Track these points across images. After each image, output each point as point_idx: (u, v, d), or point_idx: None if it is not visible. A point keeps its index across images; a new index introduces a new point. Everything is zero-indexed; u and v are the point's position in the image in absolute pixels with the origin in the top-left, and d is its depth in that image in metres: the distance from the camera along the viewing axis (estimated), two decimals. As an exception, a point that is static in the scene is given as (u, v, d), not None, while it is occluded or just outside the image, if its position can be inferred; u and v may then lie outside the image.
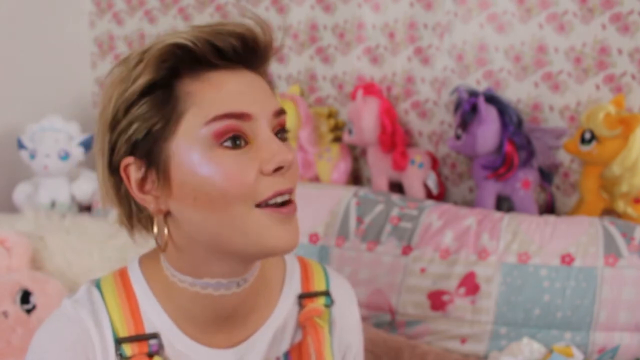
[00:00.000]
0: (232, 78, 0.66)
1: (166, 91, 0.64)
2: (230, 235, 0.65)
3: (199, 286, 0.69)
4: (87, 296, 0.72)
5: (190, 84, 0.65)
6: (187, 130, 0.64)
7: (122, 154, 0.66)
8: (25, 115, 1.91)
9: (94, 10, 2.16)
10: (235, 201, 0.63)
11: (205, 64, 0.65)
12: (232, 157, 0.63)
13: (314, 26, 1.84)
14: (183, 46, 0.63)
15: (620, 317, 1.30)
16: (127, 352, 0.69)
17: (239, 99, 0.65)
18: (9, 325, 1.30)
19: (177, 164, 0.65)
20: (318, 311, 0.77)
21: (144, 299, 0.72)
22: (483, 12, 1.63)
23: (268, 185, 0.64)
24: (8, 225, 1.55)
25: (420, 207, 1.51)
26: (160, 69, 0.64)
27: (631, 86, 1.52)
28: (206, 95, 0.64)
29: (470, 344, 1.36)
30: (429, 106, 1.75)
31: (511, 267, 1.36)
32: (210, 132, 0.63)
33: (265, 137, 0.65)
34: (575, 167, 1.62)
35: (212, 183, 0.63)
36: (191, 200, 0.64)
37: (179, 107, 0.64)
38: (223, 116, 0.63)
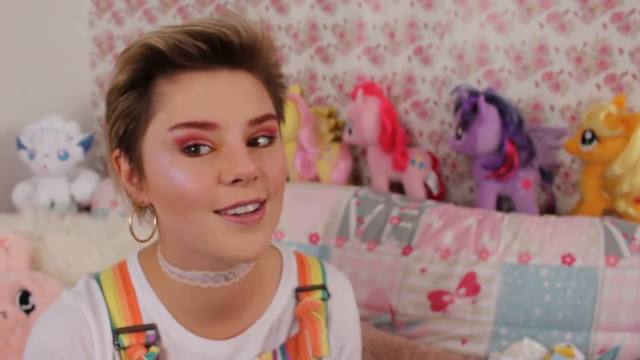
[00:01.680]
0: (204, 81, 0.64)
1: (140, 91, 0.65)
2: (191, 238, 0.66)
3: (187, 278, 0.70)
4: (85, 288, 0.73)
5: (163, 85, 0.65)
6: (154, 133, 0.65)
7: (113, 145, 0.69)
8: (25, 115, 1.91)
9: (94, 9, 2.16)
10: (191, 206, 0.63)
11: (178, 65, 0.64)
12: (190, 164, 0.63)
13: (314, 26, 1.84)
14: (153, 47, 0.63)
15: (621, 317, 1.30)
16: (124, 342, 0.70)
17: (206, 107, 0.63)
18: (8, 326, 1.30)
19: (147, 164, 0.66)
20: (315, 304, 0.78)
21: (142, 291, 0.73)
22: (483, 11, 1.63)
23: (228, 195, 0.63)
24: (7, 225, 1.55)
25: (420, 207, 1.51)
26: (132, 70, 0.65)
27: (632, 86, 1.51)
28: (174, 100, 0.64)
29: (470, 344, 1.36)
30: (429, 106, 1.74)
31: (512, 268, 1.36)
32: (172, 138, 0.63)
33: (230, 147, 0.63)
34: (576, 167, 1.61)
35: (170, 186, 0.64)
36: (159, 199, 0.66)
37: (150, 109, 0.65)
38: (185, 124, 0.63)
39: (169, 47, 0.63)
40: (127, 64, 0.65)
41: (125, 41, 2.14)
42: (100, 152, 2.28)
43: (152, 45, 0.63)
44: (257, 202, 0.64)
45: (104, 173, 2.25)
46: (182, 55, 0.63)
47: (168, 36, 0.63)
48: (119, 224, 1.62)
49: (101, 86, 2.21)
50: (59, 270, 1.48)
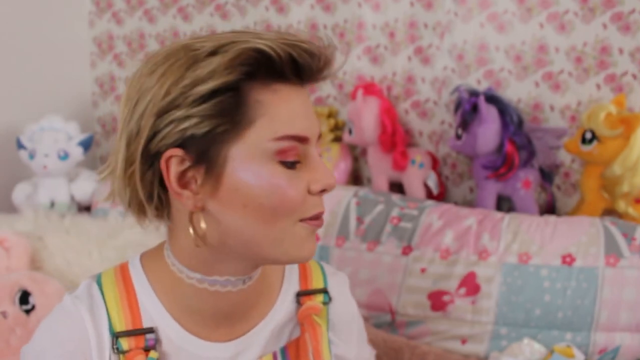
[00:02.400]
0: (297, 96, 0.66)
1: (236, 95, 0.63)
2: (267, 244, 0.67)
3: (207, 283, 0.70)
4: (86, 291, 0.73)
5: (260, 92, 0.64)
6: (253, 140, 0.64)
7: (169, 143, 0.64)
8: (25, 115, 1.91)
9: (94, 9, 2.16)
10: (284, 215, 0.66)
11: (277, 74, 0.65)
12: (286, 175, 0.65)
13: (314, 26, 1.84)
14: (264, 53, 0.62)
15: (621, 317, 1.30)
16: (123, 346, 0.70)
17: (304, 121, 0.66)
18: (8, 326, 1.30)
19: (233, 169, 0.64)
20: (316, 309, 0.79)
21: (143, 293, 0.72)
22: (483, 11, 1.63)
23: (314, 205, 0.68)
24: (7, 225, 1.55)
25: (420, 207, 1.51)
26: (236, 72, 0.62)
27: (632, 86, 1.51)
28: (277, 110, 0.64)
29: (470, 344, 1.36)
30: (429, 106, 1.74)
31: (512, 268, 1.36)
32: (276, 149, 0.64)
33: (315, 159, 0.68)
34: (576, 167, 1.61)
35: (265, 196, 0.64)
36: (240, 207, 0.65)
37: (248, 114, 0.63)
38: (291, 137, 0.65)
39: (282, 58, 0.63)
40: (233, 64, 0.62)
41: (125, 41, 2.14)
42: (100, 152, 2.28)
43: (264, 51, 0.62)
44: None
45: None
46: (292, 68, 0.65)
47: (277, 45, 0.63)
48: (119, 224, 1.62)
49: (101, 86, 2.21)
50: (59, 270, 1.48)
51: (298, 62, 0.64)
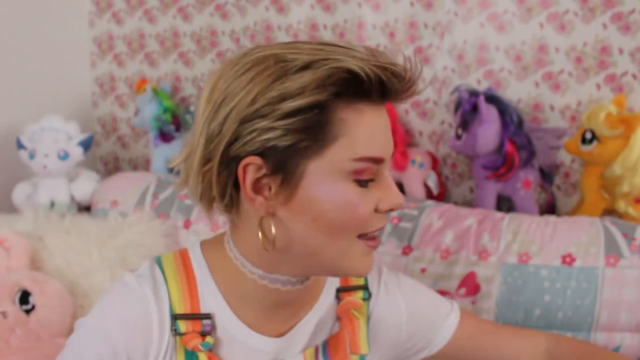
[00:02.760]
0: (379, 116, 0.68)
1: (322, 112, 0.64)
2: (329, 256, 0.69)
3: (267, 280, 0.73)
4: (150, 272, 0.74)
5: (345, 111, 0.65)
6: (332, 158, 0.65)
7: (249, 150, 0.65)
8: (25, 115, 1.91)
9: (94, 9, 2.16)
10: (349, 231, 0.68)
11: (363, 94, 0.66)
12: (359, 194, 0.67)
13: (314, 26, 1.84)
14: (356, 75, 0.63)
15: (621, 317, 1.30)
16: (181, 329, 0.72)
17: (382, 143, 0.68)
18: (8, 326, 1.30)
19: (309, 184, 0.66)
20: (355, 304, 0.82)
21: (203, 281, 0.74)
22: (483, 11, 1.63)
23: (378, 221, 0.70)
24: (7, 225, 1.55)
25: (420, 207, 1.51)
26: (326, 92, 0.63)
27: (632, 86, 1.51)
28: (359, 130, 0.66)
29: (470, 344, 1.36)
30: (429, 106, 1.74)
31: (512, 268, 1.36)
32: (353, 168, 0.66)
33: (386, 179, 0.70)
34: (576, 167, 1.61)
35: (335, 212, 0.66)
36: (309, 219, 0.67)
37: (331, 132, 0.65)
38: (369, 159, 0.66)
39: (372, 80, 0.64)
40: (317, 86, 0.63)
41: (125, 41, 2.14)
42: (100, 152, 2.28)
43: (355, 72, 0.63)
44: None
45: (104, 173, 2.25)
46: (380, 90, 0.66)
47: (368, 67, 0.64)
48: (118, 224, 1.62)
49: (101, 86, 2.21)
50: (59, 270, 1.48)
51: (386, 85, 0.65)
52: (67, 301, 1.40)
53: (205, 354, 0.72)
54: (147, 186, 1.76)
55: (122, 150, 2.24)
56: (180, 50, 2.05)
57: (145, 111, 1.94)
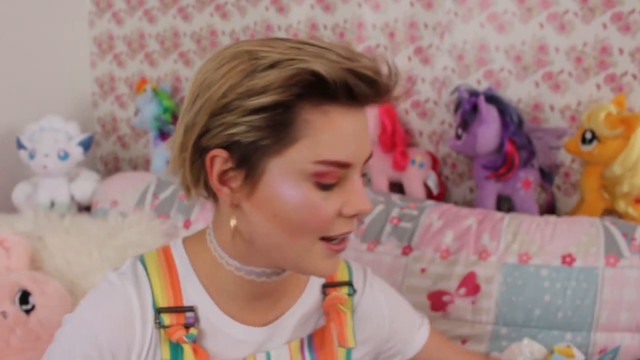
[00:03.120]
0: (348, 119, 0.66)
1: (286, 112, 0.64)
2: (288, 254, 0.70)
3: (243, 272, 0.75)
4: (131, 269, 0.76)
5: (309, 112, 0.65)
6: (293, 158, 0.65)
7: (216, 143, 0.67)
8: (25, 115, 1.91)
9: (94, 9, 2.16)
10: (308, 233, 0.68)
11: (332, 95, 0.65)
12: (321, 196, 0.67)
13: (314, 26, 1.84)
14: (320, 76, 0.63)
15: (621, 317, 1.30)
16: (165, 322, 0.73)
17: (348, 148, 0.66)
18: (8, 326, 1.30)
19: (270, 181, 0.67)
20: (341, 299, 0.83)
21: (185, 274, 0.76)
22: (483, 11, 1.63)
23: (340, 226, 0.69)
24: (7, 225, 1.55)
25: (420, 207, 1.51)
26: (288, 92, 0.63)
27: (632, 86, 1.51)
28: (323, 132, 0.65)
29: (470, 344, 1.36)
30: (429, 106, 1.74)
31: (512, 268, 1.36)
32: (314, 171, 0.66)
33: (354, 183, 0.68)
34: (576, 167, 1.61)
35: (296, 213, 0.67)
36: (270, 215, 0.68)
37: (293, 133, 0.65)
38: (332, 163, 0.66)
39: (337, 83, 0.63)
40: (281, 85, 0.63)
41: (125, 41, 2.14)
42: (100, 152, 2.28)
43: (319, 74, 0.63)
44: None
45: (104, 173, 2.25)
46: (346, 94, 0.65)
47: (334, 70, 0.63)
48: (118, 224, 1.62)
49: (101, 86, 2.21)
50: (59, 270, 1.48)
51: (353, 89, 0.64)
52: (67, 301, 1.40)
53: (189, 345, 0.73)
54: (147, 186, 1.76)
55: (122, 150, 2.24)
56: (180, 50, 2.05)
57: (145, 111, 1.94)
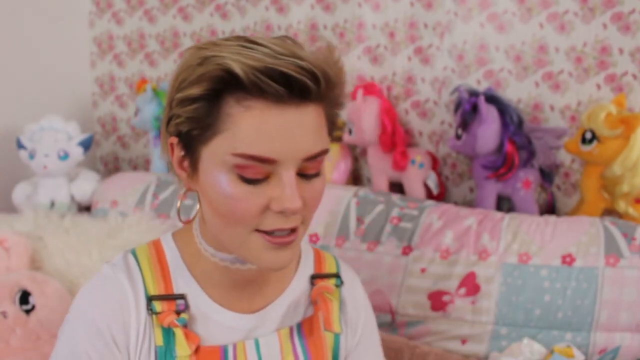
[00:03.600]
0: (272, 115, 0.66)
1: (212, 105, 0.68)
2: (229, 243, 0.73)
3: (218, 258, 0.77)
4: (123, 261, 0.79)
5: (233, 106, 0.67)
6: (216, 149, 0.68)
7: (171, 131, 0.73)
8: (25, 115, 1.91)
9: (94, 9, 2.16)
10: (238, 224, 0.70)
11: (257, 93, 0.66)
12: (244, 189, 0.68)
13: (314, 26, 1.84)
14: (233, 74, 0.65)
15: (621, 317, 1.30)
16: (157, 308, 0.77)
17: (269, 143, 0.66)
18: (8, 326, 1.30)
19: (204, 168, 0.71)
20: (329, 288, 0.86)
21: (174, 264, 0.80)
22: (483, 11, 1.63)
23: (272, 221, 0.69)
24: (7, 226, 1.55)
25: (420, 207, 1.51)
26: (207, 87, 0.67)
27: (632, 86, 1.51)
28: (241, 125, 0.66)
29: (470, 344, 1.36)
30: (429, 106, 1.74)
31: (512, 268, 1.36)
32: (233, 163, 0.67)
33: (284, 180, 0.68)
34: (576, 167, 1.61)
35: (220, 203, 0.69)
36: (208, 202, 0.72)
37: (216, 125, 0.68)
38: (249, 156, 0.66)
39: (248, 80, 0.65)
40: (204, 80, 0.67)
41: (125, 41, 2.14)
42: (100, 152, 2.28)
43: (233, 71, 0.65)
44: (294, 229, 0.71)
45: (104, 173, 2.25)
46: (257, 90, 0.66)
47: (249, 68, 0.65)
48: (118, 224, 1.62)
49: (101, 86, 2.21)
50: (58, 270, 1.48)
51: (262, 88, 0.65)
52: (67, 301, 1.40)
53: (181, 330, 0.76)
54: (147, 186, 1.76)
55: (122, 150, 2.24)
56: (180, 50, 2.05)
57: (145, 111, 1.94)
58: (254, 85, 0.65)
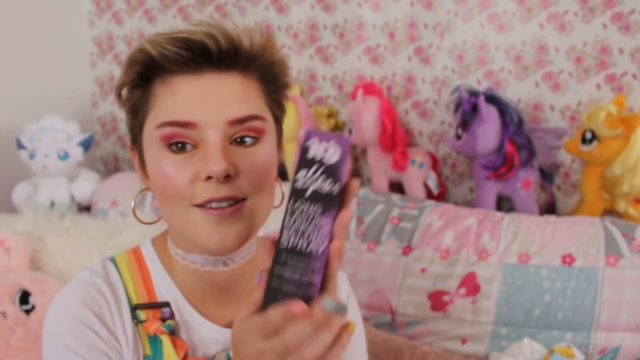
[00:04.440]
0: (189, 83, 0.69)
1: (142, 91, 0.71)
2: (177, 226, 0.71)
3: (188, 260, 0.75)
4: (102, 268, 0.78)
5: (158, 87, 0.70)
6: (147, 130, 0.71)
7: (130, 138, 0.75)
8: (25, 115, 1.91)
9: (94, 9, 2.16)
10: (174, 198, 0.69)
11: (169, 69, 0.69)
12: (174, 160, 0.68)
13: (314, 26, 1.84)
14: (147, 53, 0.69)
15: (621, 317, 1.30)
16: (142, 317, 0.75)
17: (187, 107, 0.68)
18: (8, 326, 1.30)
19: (145, 155, 0.72)
20: None
21: (155, 272, 0.78)
22: (483, 11, 1.63)
23: (203, 191, 0.67)
24: (7, 226, 1.55)
25: (420, 207, 1.51)
26: (133, 72, 0.70)
27: (632, 86, 1.51)
28: (163, 100, 0.69)
29: (470, 344, 1.36)
30: (429, 106, 1.74)
31: (512, 268, 1.36)
32: (159, 136, 0.68)
33: (209, 145, 0.67)
34: (576, 167, 1.61)
35: (158, 179, 0.70)
36: (154, 188, 0.72)
37: (146, 107, 0.71)
38: (168, 123, 0.68)
39: (158, 53, 0.68)
40: (129, 66, 0.71)
41: (125, 41, 2.14)
42: (100, 152, 2.28)
43: (146, 50, 0.69)
44: (231, 200, 0.68)
45: (104, 173, 2.25)
46: (167, 61, 0.68)
47: (157, 43, 0.68)
48: (118, 224, 1.62)
49: (101, 86, 2.21)
50: (58, 270, 1.48)
51: (168, 56, 0.68)
52: (67, 301, 1.40)
53: (167, 337, 0.74)
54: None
55: (122, 150, 2.24)
56: (180, 50, 2.05)
57: (145, 111, 1.93)
58: (163, 57, 0.68)
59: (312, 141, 0.60)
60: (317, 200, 0.58)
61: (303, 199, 0.58)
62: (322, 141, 0.61)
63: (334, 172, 0.61)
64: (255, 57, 0.70)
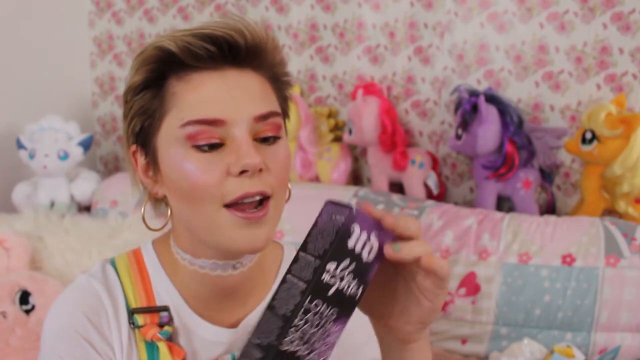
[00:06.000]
0: (212, 80, 0.68)
1: (155, 90, 0.69)
2: (201, 229, 0.69)
3: (197, 265, 0.74)
4: (101, 272, 0.77)
5: (175, 85, 0.69)
6: (167, 129, 0.69)
7: (130, 141, 0.72)
8: (24, 115, 1.91)
9: (94, 9, 2.16)
10: (203, 199, 0.67)
11: (189, 65, 0.68)
12: (201, 158, 0.67)
13: (314, 26, 1.84)
14: (165, 49, 0.67)
15: (621, 317, 1.30)
16: (139, 322, 0.74)
17: (214, 105, 0.67)
18: (8, 326, 1.30)
19: (162, 158, 0.70)
20: None
21: (156, 275, 0.77)
22: (484, 11, 1.63)
23: (236, 186, 0.66)
24: (7, 226, 1.54)
25: (420, 207, 1.51)
26: (147, 71, 0.69)
27: (632, 86, 1.51)
28: (185, 98, 0.68)
29: (470, 344, 1.36)
30: (429, 106, 1.74)
31: (512, 268, 1.36)
32: (184, 134, 0.67)
33: (237, 140, 0.67)
34: (576, 167, 1.61)
35: (183, 179, 0.67)
36: (173, 192, 0.70)
37: (163, 107, 0.69)
38: (196, 122, 0.67)
39: (180, 49, 0.67)
40: (142, 65, 0.69)
41: (125, 41, 2.14)
42: (100, 152, 2.28)
43: (164, 47, 0.67)
44: (262, 195, 0.67)
45: (104, 173, 2.25)
46: (191, 57, 0.67)
47: (179, 39, 0.67)
48: (118, 224, 1.62)
49: (101, 86, 2.21)
50: (58, 270, 1.48)
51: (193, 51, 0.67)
52: (67, 301, 1.40)
53: (164, 343, 0.73)
54: (147, 186, 1.76)
55: (122, 150, 2.24)
56: (180, 50, 2.05)
57: (145, 111, 1.93)
58: (186, 53, 0.67)
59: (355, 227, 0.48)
60: (336, 304, 0.49)
61: (322, 299, 0.49)
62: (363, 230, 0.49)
63: (365, 272, 0.50)
64: (268, 54, 0.71)
